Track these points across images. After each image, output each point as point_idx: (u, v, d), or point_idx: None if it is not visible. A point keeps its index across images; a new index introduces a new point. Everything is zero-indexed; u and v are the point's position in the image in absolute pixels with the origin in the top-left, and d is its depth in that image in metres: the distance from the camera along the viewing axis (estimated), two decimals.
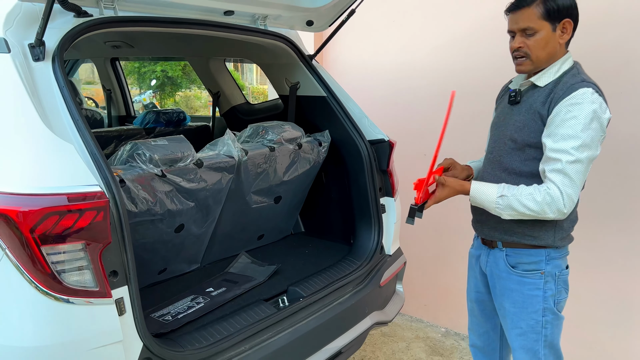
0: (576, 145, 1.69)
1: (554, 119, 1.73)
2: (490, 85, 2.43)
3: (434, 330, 3.60)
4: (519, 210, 1.76)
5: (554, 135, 1.72)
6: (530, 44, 1.79)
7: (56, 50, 1.76)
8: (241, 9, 2.43)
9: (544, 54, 1.80)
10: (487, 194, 1.82)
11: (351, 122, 2.71)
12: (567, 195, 1.71)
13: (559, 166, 1.71)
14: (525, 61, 1.82)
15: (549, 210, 1.73)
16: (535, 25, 1.77)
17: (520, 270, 1.90)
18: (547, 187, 1.73)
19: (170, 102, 14.53)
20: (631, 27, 2.58)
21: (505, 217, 1.81)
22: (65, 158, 1.55)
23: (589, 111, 1.68)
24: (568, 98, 1.71)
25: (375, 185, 2.65)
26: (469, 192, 1.86)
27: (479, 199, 1.84)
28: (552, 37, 1.78)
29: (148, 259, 2.26)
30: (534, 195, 1.74)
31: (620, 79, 2.61)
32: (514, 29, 1.82)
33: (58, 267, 1.48)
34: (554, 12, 1.75)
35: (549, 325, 1.89)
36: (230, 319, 2.01)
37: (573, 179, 1.71)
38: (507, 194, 1.78)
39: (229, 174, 2.34)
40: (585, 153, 1.70)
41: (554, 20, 1.76)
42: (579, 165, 1.70)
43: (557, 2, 1.75)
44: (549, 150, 1.74)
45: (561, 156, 1.70)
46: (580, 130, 1.68)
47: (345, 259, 2.61)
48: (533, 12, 1.76)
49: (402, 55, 3.56)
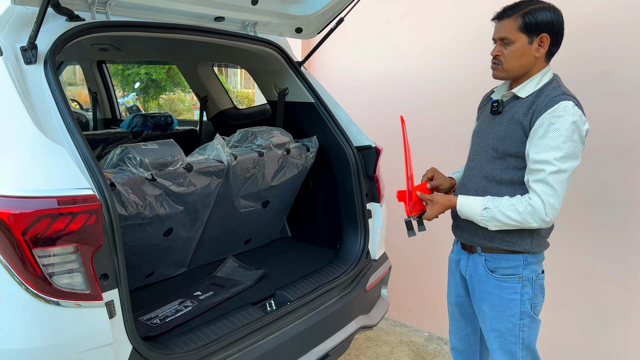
0: (558, 156, 1.75)
1: (537, 130, 1.79)
2: (473, 93, 2.50)
3: (417, 335, 3.65)
4: (503, 221, 1.82)
5: (536, 146, 1.78)
6: (506, 53, 1.88)
7: (48, 54, 1.77)
8: (231, 16, 2.46)
9: (516, 65, 1.88)
10: (472, 207, 1.88)
11: (339, 129, 2.75)
12: (549, 205, 1.77)
13: (542, 176, 1.77)
14: (498, 67, 1.91)
15: (531, 219, 1.79)
16: (511, 36, 1.85)
17: (498, 275, 1.95)
18: (528, 197, 1.80)
19: (154, 105, 14.42)
20: (610, 39, 2.66)
21: (492, 228, 1.87)
22: (58, 161, 1.56)
23: (570, 123, 1.75)
24: (550, 110, 1.77)
25: (362, 190, 2.69)
26: (455, 205, 1.93)
27: (465, 212, 1.91)
28: (527, 49, 1.85)
29: (136, 262, 2.26)
30: (516, 206, 1.80)
31: (600, 90, 2.69)
32: (495, 37, 1.92)
33: (49, 270, 1.48)
34: (531, 25, 1.83)
35: (526, 328, 1.95)
36: (218, 323, 2.03)
37: (555, 189, 1.76)
38: (490, 206, 1.84)
39: (218, 179, 2.36)
40: (568, 163, 1.76)
41: (531, 34, 1.84)
42: (561, 175, 1.76)
43: (535, 16, 1.82)
44: (532, 162, 1.80)
45: (544, 167, 1.76)
46: (562, 142, 1.74)
47: (332, 264, 2.64)
48: (512, 24, 1.84)
49: (388, 63, 3.61)
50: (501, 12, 1.89)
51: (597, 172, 2.74)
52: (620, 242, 2.73)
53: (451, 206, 1.95)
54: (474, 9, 3.14)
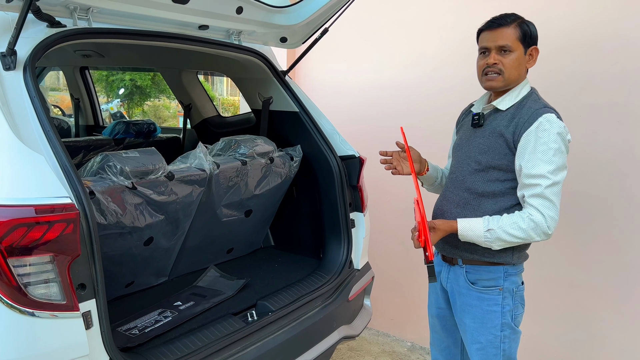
0: (551, 169, 1.77)
1: (526, 146, 1.81)
2: (455, 104, 2.52)
3: (400, 345, 3.65)
4: (507, 240, 1.82)
5: (529, 161, 1.80)
6: (505, 62, 1.86)
7: (28, 60, 1.75)
8: (216, 24, 2.46)
9: (515, 74, 1.88)
10: (474, 230, 1.86)
11: (323, 138, 2.75)
12: (549, 217, 1.79)
13: (539, 191, 1.78)
14: (498, 77, 1.88)
15: (534, 234, 1.80)
16: (513, 45, 1.86)
17: (479, 287, 1.96)
18: (529, 213, 1.80)
19: (138, 112, 14.31)
20: (589, 54, 2.71)
21: (495, 248, 1.86)
22: (35, 169, 1.53)
23: (556, 135, 1.78)
24: (536, 125, 1.79)
25: (346, 200, 2.69)
26: (457, 229, 1.89)
27: (468, 236, 1.88)
28: (523, 60, 1.88)
29: (116, 271, 2.23)
30: (519, 224, 1.80)
31: (579, 103, 2.74)
32: (490, 46, 1.88)
33: (24, 280, 1.46)
34: (528, 36, 1.86)
35: (507, 339, 1.95)
36: (198, 333, 2.00)
37: (553, 201, 1.79)
38: (493, 227, 1.83)
39: (200, 187, 2.34)
40: (559, 175, 1.80)
41: (526, 45, 1.87)
42: (556, 187, 1.79)
43: (530, 28, 1.87)
44: (525, 177, 1.81)
45: (539, 181, 1.78)
46: (552, 155, 1.77)
47: (315, 273, 2.63)
48: (512, 32, 1.85)
49: (372, 74, 3.64)
50: (500, 20, 1.87)
51: (577, 183, 2.78)
52: (600, 252, 2.77)
53: (452, 231, 1.90)
54: (457, 21, 3.18)
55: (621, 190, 2.68)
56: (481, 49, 1.93)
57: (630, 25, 2.58)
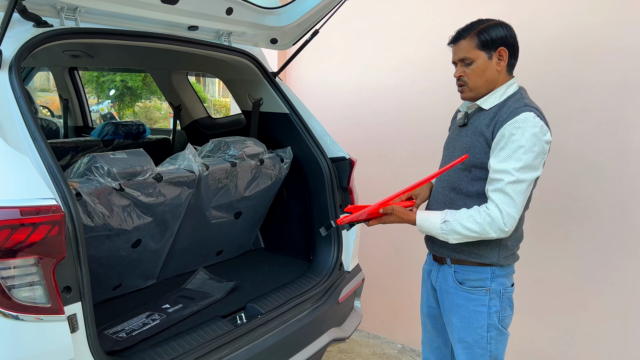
0: (518, 166, 1.77)
1: (499, 142, 1.81)
2: (447, 106, 2.53)
3: (391, 347, 3.64)
4: (463, 233, 1.83)
5: (496, 157, 1.81)
6: (468, 73, 1.91)
7: (13, 60, 1.73)
8: (205, 25, 2.44)
9: (481, 81, 1.90)
10: (432, 222, 1.88)
11: (313, 140, 2.75)
12: (507, 214, 1.78)
13: (500, 186, 1.78)
14: (465, 88, 1.94)
15: (490, 230, 1.80)
16: (471, 55, 1.88)
17: (467, 287, 1.96)
18: (486, 207, 1.81)
19: (129, 113, 14.24)
20: (577, 57, 2.73)
21: (452, 241, 1.87)
22: (20, 170, 1.51)
23: (531, 134, 1.77)
24: (511, 122, 1.79)
25: (336, 202, 2.69)
26: (414, 220, 1.92)
27: (425, 227, 1.91)
28: (488, 64, 1.89)
29: (103, 274, 2.21)
30: (475, 217, 1.81)
31: (567, 106, 2.75)
32: (455, 60, 1.95)
33: (8, 283, 1.43)
34: (487, 42, 1.87)
35: (494, 341, 1.95)
36: (186, 336, 1.98)
37: (513, 198, 1.78)
38: (449, 219, 1.85)
39: (189, 189, 2.32)
40: (527, 174, 1.78)
41: (489, 49, 1.88)
42: (519, 185, 1.78)
43: (489, 34, 1.87)
44: (492, 172, 1.82)
45: (503, 176, 1.78)
46: (522, 153, 1.77)
47: (305, 275, 2.62)
48: (469, 44, 1.88)
49: (363, 76, 3.64)
50: (456, 35, 1.93)
51: (566, 186, 2.79)
52: (590, 254, 2.78)
53: (409, 221, 1.93)
54: (447, 24, 3.18)
55: (610, 192, 2.69)
56: (452, 63, 1.99)
57: (619, 29, 2.60)
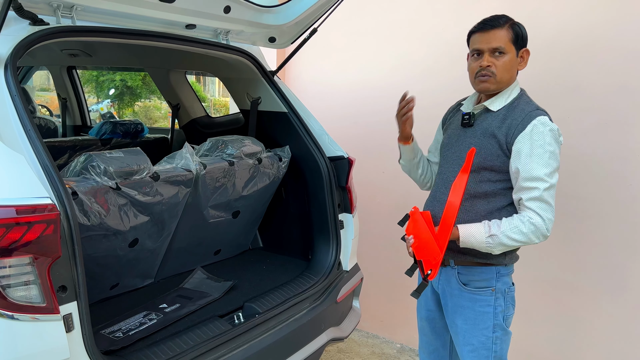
0: (548, 172, 1.78)
1: (522, 149, 1.80)
2: (443, 105, 2.51)
3: (390, 347, 3.63)
4: (509, 245, 1.82)
5: (526, 165, 1.79)
6: (498, 64, 1.85)
7: (9, 58, 1.71)
8: (203, 23, 2.43)
9: (507, 76, 1.87)
10: (476, 237, 1.83)
11: (311, 139, 2.73)
12: (548, 220, 1.80)
13: (537, 194, 1.78)
14: (490, 79, 1.86)
15: (534, 237, 1.80)
16: (506, 47, 1.84)
17: (471, 288, 1.95)
18: (529, 216, 1.79)
19: (129, 112, 14.23)
20: (577, 56, 2.72)
21: (496, 252, 1.85)
22: (15, 169, 1.50)
23: (552, 138, 1.79)
24: (530, 128, 1.79)
25: (334, 201, 2.67)
26: (459, 237, 1.85)
27: (469, 242, 1.85)
28: (515, 62, 1.87)
29: (100, 273, 2.20)
30: (520, 228, 1.79)
31: (567, 105, 2.74)
32: (483, 48, 1.86)
33: (3, 282, 1.42)
34: (520, 38, 1.85)
35: (499, 341, 1.95)
36: (183, 336, 1.97)
37: (550, 203, 1.80)
38: (495, 232, 1.81)
39: (186, 188, 2.31)
40: (555, 177, 1.81)
41: (519, 47, 1.86)
42: (553, 190, 1.81)
43: (522, 29, 1.86)
44: (523, 180, 1.80)
45: (538, 184, 1.78)
46: (548, 158, 1.78)
47: (303, 275, 2.61)
48: (505, 34, 1.84)
49: (362, 74, 3.63)
50: (492, 21, 1.85)
51: (566, 185, 2.77)
52: (590, 254, 2.77)
53: (453, 238, 1.85)
54: (447, 23, 3.18)
55: (610, 191, 2.68)
56: (473, 51, 1.91)
57: (619, 27, 2.59)
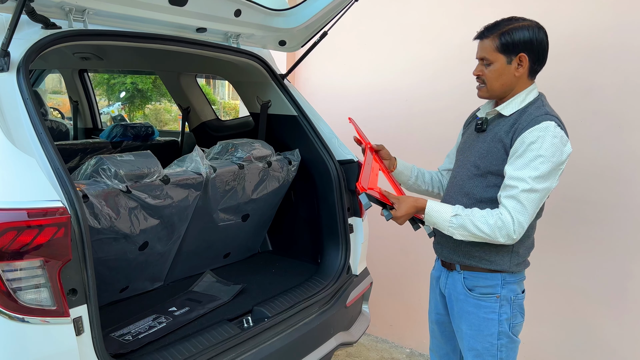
0: (534, 175, 1.73)
1: (517, 148, 1.78)
2: (455, 109, 2.50)
3: (399, 351, 3.61)
4: (471, 231, 1.78)
5: (513, 163, 1.77)
6: (486, 73, 1.88)
7: (21, 62, 1.73)
8: (214, 27, 2.43)
9: (497, 85, 1.87)
10: (442, 212, 1.82)
11: (321, 142, 2.73)
12: (517, 222, 1.75)
13: (514, 193, 1.75)
14: (483, 87, 1.91)
15: (499, 234, 1.76)
16: (490, 57, 1.85)
17: (476, 294, 1.93)
18: (500, 212, 1.77)
19: (140, 115, 14.31)
20: (590, 59, 2.69)
21: (457, 237, 1.82)
22: (27, 172, 1.51)
23: (550, 144, 1.73)
24: (531, 129, 1.75)
25: (344, 205, 2.66)
26: (424, 208, 1.84)
27: (433, 217, 1.84)
28: (506, 69, 1.84)
29: (110, 276, 2.20)
30: (487, 219, 1.77)
31: (580, 108, 2.71)
32: (476, 57, 1.92)
33: (14, 285, 1.43)
34: (508, 45, 1.82)
35: (504, 348, 1.92)
36: (192, 339, 1.97)
37: (525, 207, 1.74)
38: (461, 213, 1.80)
39: (196, 191, 2.32)
40: (542, 184, 1.74)
41: (510, 54, 1.83)
42: (533, 194, 1.74)
43: (512, 36, 1.81)
44: (507, 178, 1.78)
45: (518, 184, 1.74)
46: (540, 162, 1.73)
47: (312, 279, 2.60)
48: (490, 44, 1.84)
49: (371, 78, 3.62)
50: (481, 33, 1.89)
51: (577, 190, 2.75)
52: (602, 260, 2.73)
53: (418, 207, 1.84)
54: (457, 26, 3.16)
55: (621, 196, 2.65)
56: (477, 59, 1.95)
57: (631, 30, 2.56)
